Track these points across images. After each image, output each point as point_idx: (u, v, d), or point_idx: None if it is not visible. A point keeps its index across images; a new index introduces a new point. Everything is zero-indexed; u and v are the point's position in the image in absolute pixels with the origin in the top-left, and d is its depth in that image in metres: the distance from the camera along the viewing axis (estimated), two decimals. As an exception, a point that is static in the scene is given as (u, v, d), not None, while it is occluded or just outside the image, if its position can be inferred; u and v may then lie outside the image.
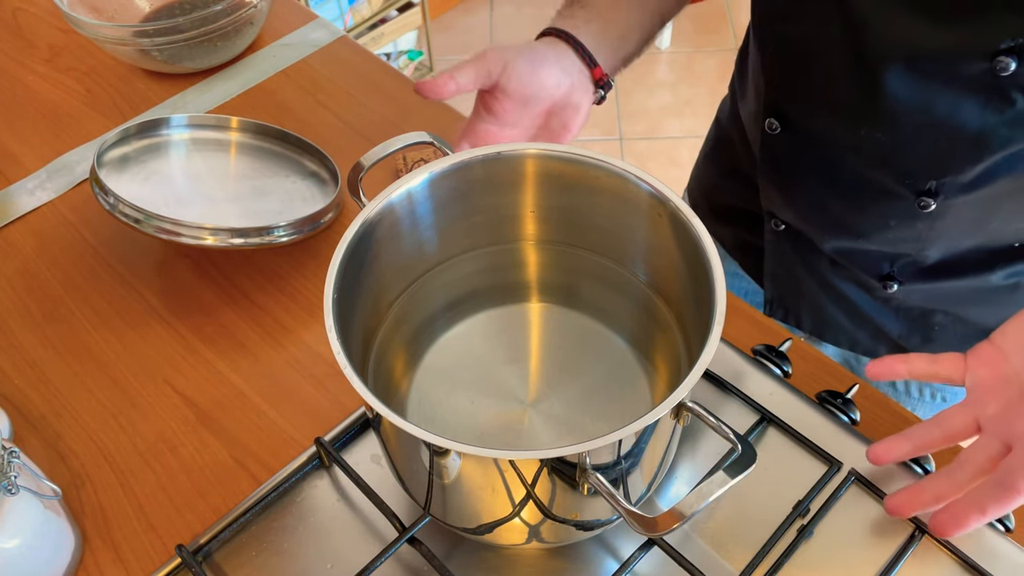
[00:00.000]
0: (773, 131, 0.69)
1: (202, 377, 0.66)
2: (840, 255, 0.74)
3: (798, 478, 0.57)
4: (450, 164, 0.53)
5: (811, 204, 0.72)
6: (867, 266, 0.73)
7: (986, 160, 0.59)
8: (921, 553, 0.54)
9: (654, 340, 0.57)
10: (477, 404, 0.55)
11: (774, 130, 0.69)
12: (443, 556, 0.53)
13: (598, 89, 0.70)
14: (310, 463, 0.59)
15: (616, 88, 2.40)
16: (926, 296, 0.74)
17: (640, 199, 0.52)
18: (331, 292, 0.46)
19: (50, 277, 0.73)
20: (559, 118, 0.67)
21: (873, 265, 0.73)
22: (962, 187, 0.61)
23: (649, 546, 0.53)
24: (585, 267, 0.60)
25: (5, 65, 0.94)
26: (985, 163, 0.59)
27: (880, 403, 0.62)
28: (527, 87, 0.64)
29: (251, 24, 0.90)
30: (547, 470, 0.43)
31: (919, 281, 0.73)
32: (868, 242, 0.70)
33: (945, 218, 0.65)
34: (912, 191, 0.63)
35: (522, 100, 0.65)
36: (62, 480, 0.60)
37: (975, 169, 0.60)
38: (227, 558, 0.55)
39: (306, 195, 0.75)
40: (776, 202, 0.75)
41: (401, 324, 0.58)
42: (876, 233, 0.69)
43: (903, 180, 0.63)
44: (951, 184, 0.61)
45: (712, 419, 0.43)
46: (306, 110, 0.86)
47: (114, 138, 0.72)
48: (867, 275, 0.74)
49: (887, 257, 0.72)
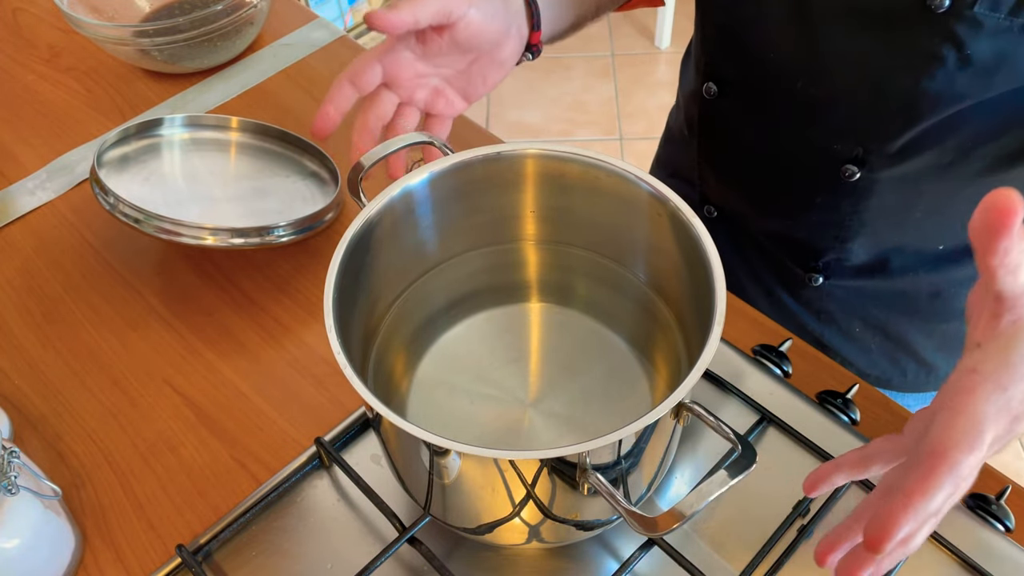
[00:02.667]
0: (711, 96, 0.70)
1: (202, 377, 0.66)
2: (769, 239, 0.76)
3: (798, 478, 0.57)
4: (450, 164, 0.53)
5: (743, 178, 0.74)
6: (794, 254, 0.75)
7: (915, 125, 0.59)
8: (921, 553, 0.54)
9: (654, 340, 0.57)
10: (477, 404, 0.55)
11: (712, 95, 0.70)
12: (443, 556, 0.53)
13: (526, 53, 0.67)
14: (310, 463, 0.59)
15: (616, 88, 2.40)
16: (849, 297, 0.74)
17: (640, 199, 0.52)
18: (331, 292, 0.46)
19: (50, 277, 0.73)
20: (482, 70, 0.64)
21: (800, 253, 0.75)
22: (888, 158, 0.62)
23: (649, 546, 0.53)
24: (585, 267, 0.60)
25: (5, 65, 0.94)
26: (913, 130, 0.59)
27: (880, 403, 0.62)
28: (475, 38, 0.61)
29: (251, 24, 0.90)
30: (547, 470, 0.43)
31: (844, 278, 0.74)
32: (795, 225, 0.72)
33: (869, 199, 0.65)
34: (839, 158, 0.64)
35: (463, 47, 0.62)
36: (62, 480, 0.60)
37: (903, 137, 0.60)
38: (227, 558, 0.55)
39: (306, 195, 0.75)
40: (711, 182, 0.77)
41: (401, 324, 0.58)
42: (803, 210, 0.70)
43: (833, 142, 0.64)
44: (877, 153, 0.62)
45: (712, 419, 0.43)
46: (306, 110, 0.86)
47: (114, 138, 0.72)
48: (794, 264, 0.76)
49: (813, 249, 0.73)
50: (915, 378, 0.80)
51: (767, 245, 0.77)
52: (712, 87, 0.70)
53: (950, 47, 0.54)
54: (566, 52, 2.53)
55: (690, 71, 0.78)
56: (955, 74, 0.55)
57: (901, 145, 0.61)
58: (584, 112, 2.37)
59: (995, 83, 0.56)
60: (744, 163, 0.74)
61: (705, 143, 0.76)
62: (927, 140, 0.60)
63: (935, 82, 0.56)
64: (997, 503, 0.55)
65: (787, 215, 0.73)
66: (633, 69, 2.50)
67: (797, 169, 0.69)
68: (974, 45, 0.54)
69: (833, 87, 0.62)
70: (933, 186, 0.64)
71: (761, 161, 0.72)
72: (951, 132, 0.60)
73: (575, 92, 2.42)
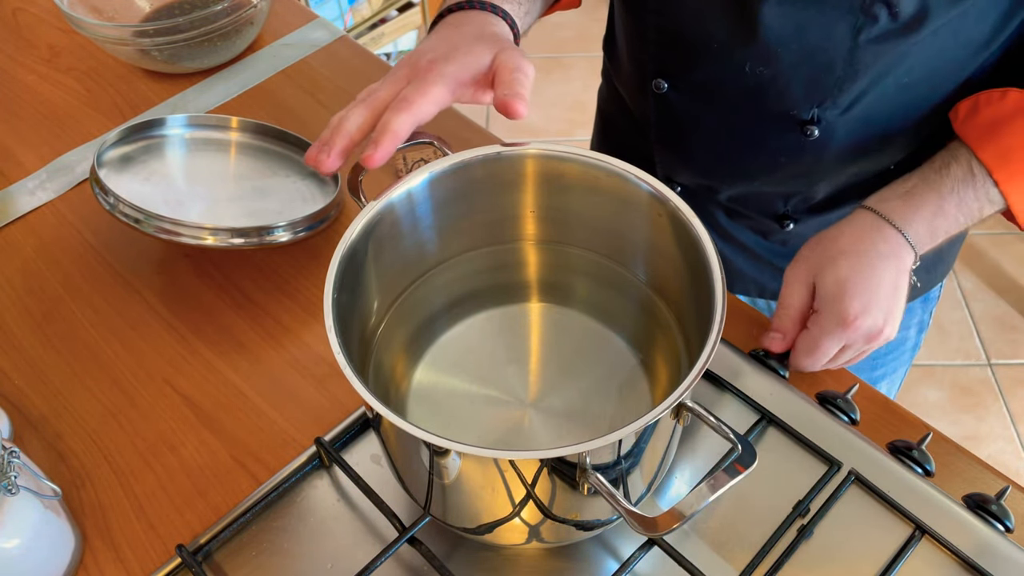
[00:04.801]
0: (661, 91, 0.73)
1: (202, 377, 0.66)
2: (736, 202, 0.79)
3: (798, 478, 0.57)
4: (450, 164, 0.53)
5: (707, 157, 0.76)
6: (763, 208, 0.78)
7: (859, 80, 0.64)
8: (921, 553, 0.54)
9: (654, 340, 0.57)
10: (477, 404, 0.55)
11: (662, 90, 0.73)
12: (443, 556, 0.53)
13: None
14: (310, 463, 0.59)
15: (616, 88, 2.40)
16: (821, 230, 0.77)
17: (640, 199, 0.52)
18: (331, 292, 0.46)
19: (50, 277, 0.73)
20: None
21: (769, 206, 0.78)
22: (843, 111, 0.67)
23: (649, 546, 0.53)
24: (585, 267, 0.60)
25: (5, 65, 0.94)
26: (859, 84, 0.64)
27: (880, 403, 0.62)
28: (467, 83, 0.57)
29: (251, 24, 0.90)
30: (547, 470, 0.43)
31: (812, 215, 0.78)
32: (763, 184, 0.75)
33: (829, 146, 0.69)
34: (797, 122, 0.68)
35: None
36: (62, 480, 0.60)
37: (850, 92, 0.65)
38: (227, 558, 0.55)
39: (306, 195, 0.75)
40: (672, 164, 0.79)
41: (401, 324, 0.58)
42: (769, 173, 0.74)
43: (788, 112, 0.68)
44: (831, 108, 0.67)
45: (712, 419, 0.43)
46: (306, 110, 0.86)
47: (114, 138, 0.72)
48: (764, 217, 0.79)
49: (781, 196, 0.77)
50: None
51: (735, 208, 0.80)
52: (661, 83, 0.72)
53: (881, 5, 0.59)
54: (566, 52, 2.53)
55: (623, 63, 0.79)
56: (887, 28, 0.60)
57: (852, 97, 0.66)
58: (584, 112, 2.37)
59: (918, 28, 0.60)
60: (703, 144, 0.76)
61: (661, 131, 0.77)
62: (871, 89, 0.65)
63: (872, 39, 0.61)
64: (997, 503, 0.55)
65: (753, 179, 0.75)
66: (633, 69, 2.50)
67: (757, 141, 0.72)
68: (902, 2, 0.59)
69: (780, 64, 0.65)
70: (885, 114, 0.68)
71: (721, 140, 0.74)
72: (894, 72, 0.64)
73: (575, 92, 2.42)
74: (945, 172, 0.63)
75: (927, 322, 0.90)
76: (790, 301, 0.62)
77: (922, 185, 0.63)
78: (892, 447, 0.58)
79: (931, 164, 0.64)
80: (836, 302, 0.59)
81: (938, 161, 0.64)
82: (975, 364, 1.83)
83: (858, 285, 0.59)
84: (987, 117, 0.63)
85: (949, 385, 1.79)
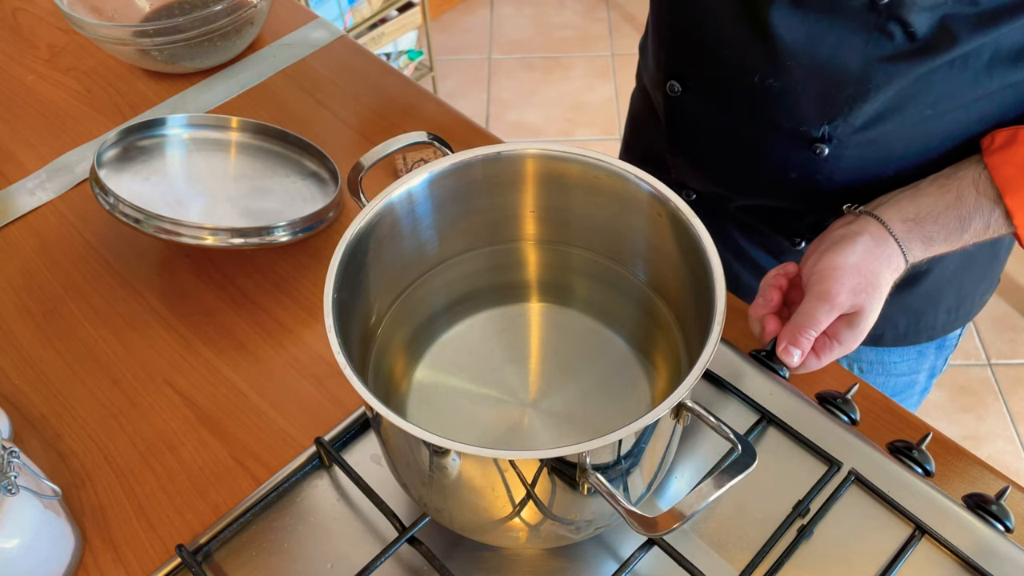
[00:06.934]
0: (675, 93, 0.73)
1: (202, 377, 0.66)
2: (748, 215, 0.78)
3: (798, 478, 0.57)
4: (450, 164, 0.53)
5: (717, 165, 0.76)
6: (776, 224, 0.78)
7: (872, 100, 0.62)
8: (921, 553, 0.54)
9: (654, 340, 0.57)
10: (477, 404, 0.55)
11: (676, 92, 0.73)
12: (443, 556, 0.53)
13: None
14: (310, 463, 0.59)
15: (616, 88, 2.41)
16: None
17: (640, 199, 0.52)
18: (331, 292, 0.46)
19: (50, 277, 0.73)
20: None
21: (781, 223, 0.77)
22: (855, 131, 0.65)
23: (649, 546, 0.53)
24: (585, 267, 0.60)
25: (5, 65, 0.94)
26: (872, 103, 0.62)
27: (880, 403, 0.62)
28: None
29: (251, 24, 0.90)
30: (547, 470, 0.43)
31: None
32: (773, 198, 0.74)
33: (839, 166, 0.68)
34: (806, 138, 0.67)
35: None
36: (62, 480, 0.60)
37: (863, 111, 0.63)
38: (227, 558, 0.55)
39: (306, 195, 0.75)
40: (684, 170, 0.79)
41: (401, 324, 0.58)
42: (778, 188, 0.73)
43: (798, 126, 0.67)
44: (842, 128, 0.65)
45: (712, 419, 0.43)
46: (306, 110, 0.86)
47: (114, 138, 0.72)
48: (776, 234, 0.78)
49: (794, 215, 0.75)
50: (905, 329, 0.81)
51: (747, 220, 0.79)
52: (675, 85, 0.72)
53: (895, 24, 0.58)
54: (566, 52, 2.53)
55: (649, 61, 0.80)
56: (903, 47, 0.59)
57: (866, 118, 0.64)
58: (584, 112, 2.37)
59: (939, 52, 0.59)
60: (714, 151, 0.76)
61: (673, 134, 0.77)
62: (889, 113, 0.64)
63: (886, 58, 0.60)
64: (997, 503, 0.55)
65: (763, 192, 0.75)
66: (633, 69, 2.49)
67: (767, 153, 0.71)
68: (916, 20, 0.57)
69: (790, 76, 0.64)
70: (903, 142, 0.66)
71: (731, 148, 0.74)
72: (917, 101, 0.62)
73: (575, 92, 2.42)
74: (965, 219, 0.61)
75: (940, 368, 0.89)
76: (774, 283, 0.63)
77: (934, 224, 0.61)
78: (892, 447, 0.58)
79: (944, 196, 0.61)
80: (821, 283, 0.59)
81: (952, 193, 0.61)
82: (975, 364, 1.83)
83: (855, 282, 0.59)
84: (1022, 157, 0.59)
85: (949, 385, 1.79)
